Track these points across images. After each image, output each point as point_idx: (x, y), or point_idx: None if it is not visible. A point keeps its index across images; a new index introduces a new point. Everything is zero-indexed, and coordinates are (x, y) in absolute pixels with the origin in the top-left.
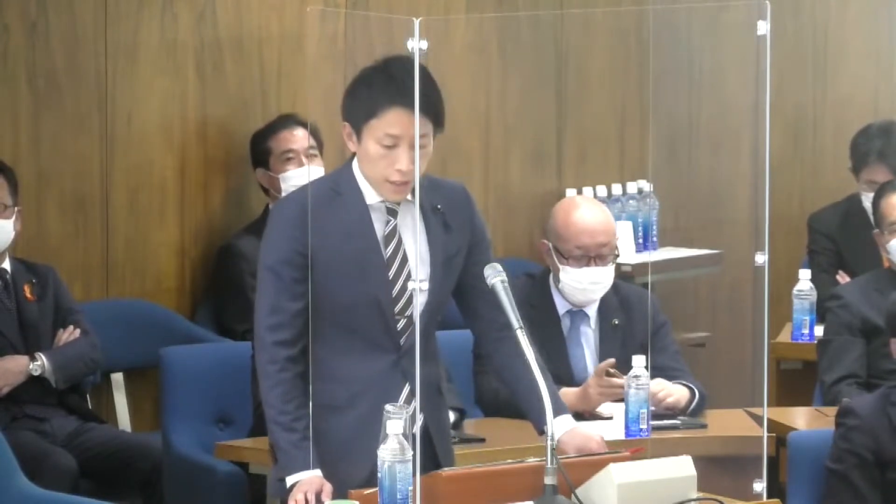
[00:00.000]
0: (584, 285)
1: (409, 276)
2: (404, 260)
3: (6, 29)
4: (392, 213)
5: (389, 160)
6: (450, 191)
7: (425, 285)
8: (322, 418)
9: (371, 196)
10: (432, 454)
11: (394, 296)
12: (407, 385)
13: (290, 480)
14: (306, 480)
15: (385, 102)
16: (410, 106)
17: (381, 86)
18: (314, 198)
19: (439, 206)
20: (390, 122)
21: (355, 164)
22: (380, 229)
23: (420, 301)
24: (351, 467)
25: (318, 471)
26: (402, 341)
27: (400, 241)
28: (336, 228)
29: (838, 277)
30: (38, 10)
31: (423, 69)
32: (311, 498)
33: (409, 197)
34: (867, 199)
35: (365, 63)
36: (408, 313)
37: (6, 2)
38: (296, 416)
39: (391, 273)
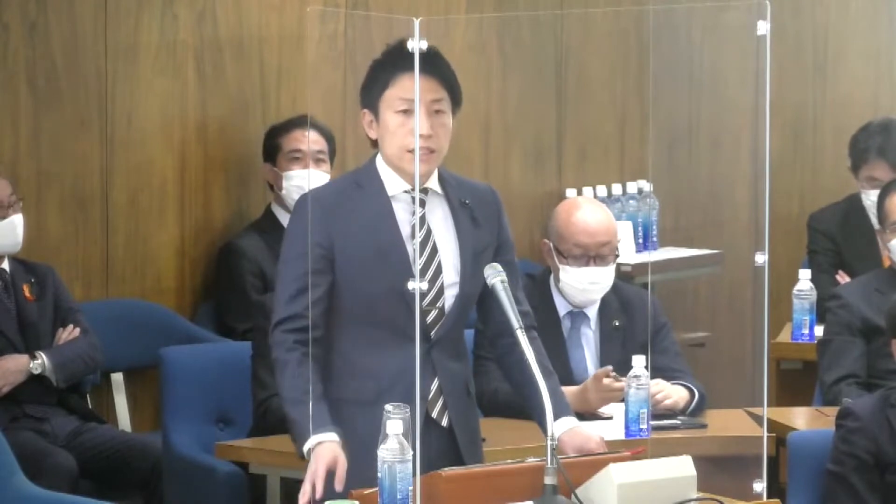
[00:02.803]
0: (583, 285)
1: (439, 268)
2: (434, 251)
3: (6, 29)
4: (416, 202)
5: (408, 128)
6: (477, 188)
7: (425, 285)
8: (349, 414)
9: (393, 187)
10: (456, 453)
11: (422, 287)
12: (436, 379)
13: (306, 448)
14: (320, 450)
15: (396, 71)
16: (422, 70)
17: (390, 59)
18: (336, 193)
19: (467, 201)
20: (404, 87)
21: (378, 158)
22: (406, 220)
23: (449, 294)
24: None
25: (332, 434)
26: (431, 334)
27: (429, 232)
28: (358, 221)
29: (838, 277)
30: (38, 10)
31: (431, 48)
32: (320, 483)
33: (437, 189)
34: (867, 197)
35: (365, 63)
36: (438, 304)
37: (6, 2)
38: (304, 390)
39: (420, 263)
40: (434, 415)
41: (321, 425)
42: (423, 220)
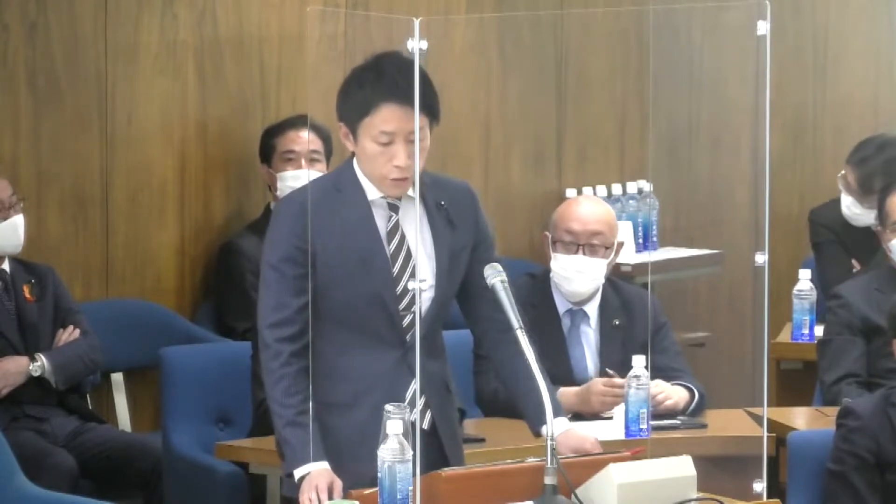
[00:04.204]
0: (569, 273)
1: (413, 273)
2: (408, 256)
3: (6, 29)
4: (394, 208)
5: (387, 157)
6: (454, 188)
7: (425, 284)
8: (327, 416)
9: (372, 192)
10: (441, 452)
11: (398, 292)
12: (414, 381)
13: (297, 474)
14: (315, 474)
15: (377, 100)
16: (402, 101)
17: (371, 83)
18: (316, 196)
19: (443, 203)
20: (384, 118)
21: (356, 161)
22: (382, 225)
23: (425, 297)
24: (358, 465)
25: (325, 464)
26: (408, 337)
27: (403, 237)
28: (338, 225)
29: (854, 262)
30: (38, 10)
31: (411, 63)
32: (323, 495)
33: (410, 192)
34: (843, 197)
35: None
36: (414, 309)
37: (6, 2)
38: (300, 410)
39: (395, 269)
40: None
41: (319, 458)
42: (397, 225)
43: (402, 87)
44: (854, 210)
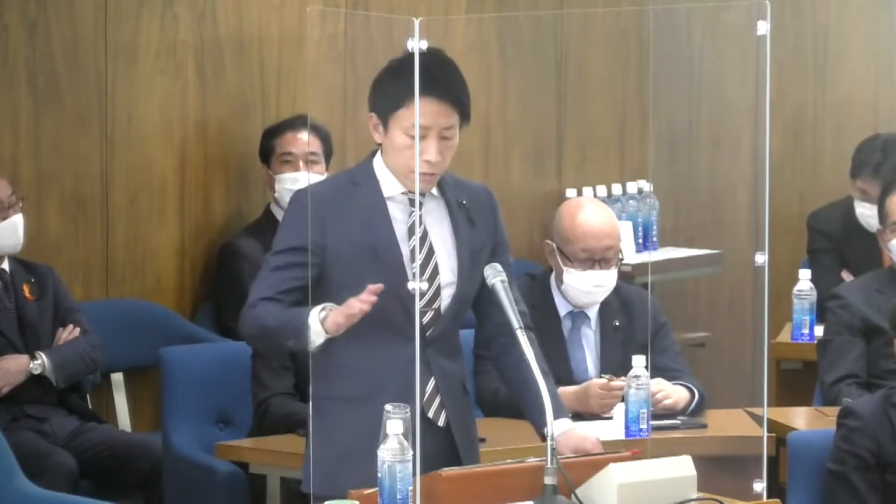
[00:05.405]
0: (587, 288)
1: (436, 268)
2: (430, 251)
3: (6, 29)
4: (414, 204)
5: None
6: (474, 189)
7: (425, 285)
8: (344, 412)
9: (390, 188)
10: (454, 453)
11: (423, 287)
12: (432, 379)
13: (318, 317)
14: (331, 308)
15: (413, 93)
16: (439, 96)
17: (408, 77)
18: (332, 190)
19: (464, 202)
20: (419, 112)
21: (377, 158)
22: (401, 220)
23: (446, 294)
24: (372, 463)
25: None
26: (427, 333)
27: (425, 233)
28: (352, 219)
29: (843, 275)
30: (38, 10)
31: (449, 61)
32: (364, 300)
33: (434, 192)
34: (859, 206)
35: (365, 63)
36: (435, 305)
37: (6, 2)
38: (287, 306)
39: (417, 264)
40: (430, 414)
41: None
42: (419, 220)
43: (439, 82)
44: (863, 207)
